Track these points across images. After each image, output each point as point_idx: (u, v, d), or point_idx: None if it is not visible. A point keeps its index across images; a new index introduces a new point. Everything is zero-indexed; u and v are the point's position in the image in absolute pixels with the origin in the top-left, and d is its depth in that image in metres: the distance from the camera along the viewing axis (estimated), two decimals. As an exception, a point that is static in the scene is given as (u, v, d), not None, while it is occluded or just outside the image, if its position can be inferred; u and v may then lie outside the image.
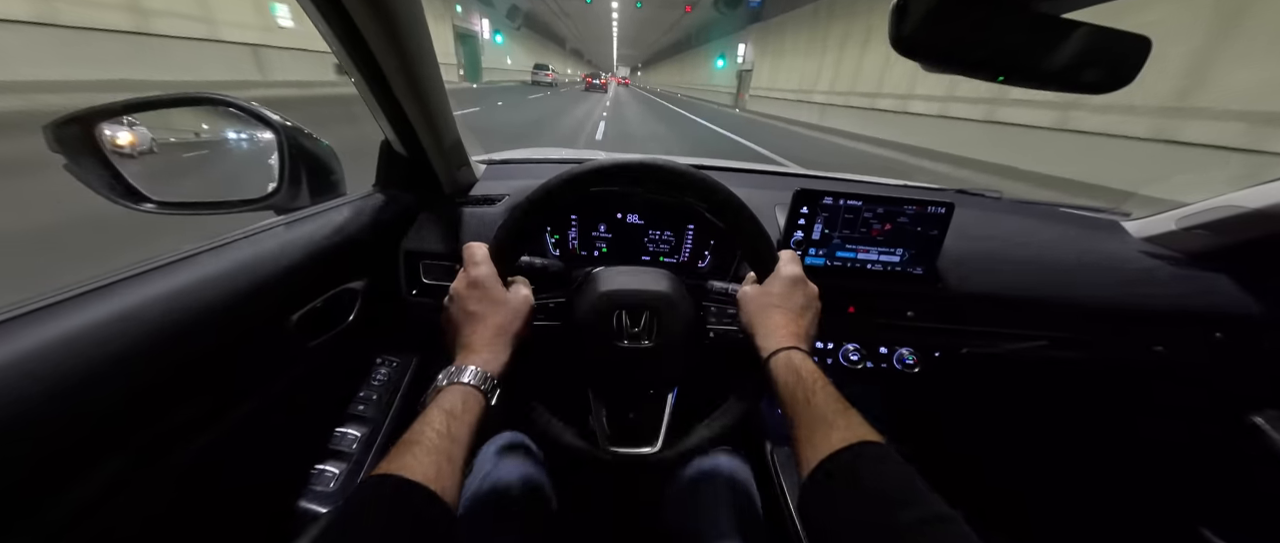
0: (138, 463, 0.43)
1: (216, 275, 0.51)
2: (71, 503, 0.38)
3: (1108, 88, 0.50)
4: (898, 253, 0.80)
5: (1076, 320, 0.82)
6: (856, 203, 0.77)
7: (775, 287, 0.57)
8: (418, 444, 0.40)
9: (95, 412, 0.39)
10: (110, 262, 0.47)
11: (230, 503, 0.58)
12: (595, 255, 0.87)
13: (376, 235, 0.74)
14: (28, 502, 0.35)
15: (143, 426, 0.42)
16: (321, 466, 0.70)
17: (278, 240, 0.60)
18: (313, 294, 0.61)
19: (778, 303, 0.56)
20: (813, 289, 0.58)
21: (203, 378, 0.48)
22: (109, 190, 0.56)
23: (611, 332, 0.58)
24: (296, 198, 0.69)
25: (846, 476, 0.39)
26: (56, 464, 0.36)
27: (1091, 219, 1.04)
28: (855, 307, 0.81)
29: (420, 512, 0.36)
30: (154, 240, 0.57)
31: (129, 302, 0.43)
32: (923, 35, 0.48)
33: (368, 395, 0.78)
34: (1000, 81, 0.51)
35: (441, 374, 0.48)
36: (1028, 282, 0.82)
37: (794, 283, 0.57)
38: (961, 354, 0.84)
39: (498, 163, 1.06)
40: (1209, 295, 0.84)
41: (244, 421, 0.53)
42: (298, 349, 0.59)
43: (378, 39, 0.56)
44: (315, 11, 0.52)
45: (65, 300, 0.41)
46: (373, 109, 0.68)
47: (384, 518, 0.35)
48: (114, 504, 0.41)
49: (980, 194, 1.11)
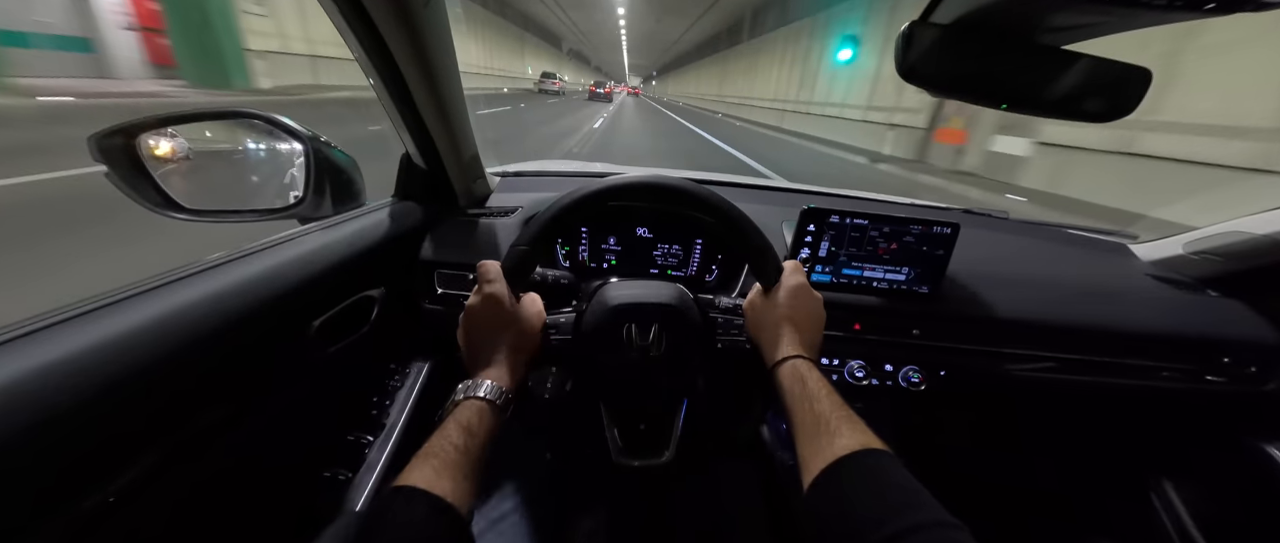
0: (162, 466, 0.44)
1: (242, 283, 0.52)
2: (95, 504, 0.39)
3: (1109, 117, 0.51)
4: (904, 272, 0.81)
5: (1083, 343, 0.82)
6: (863, 222, 0.78)
7: (780, 297, 0.58)
8: (435, 457, 0.41)
9: (122, 416, 0.40)
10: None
11: (249, 505, 0.59)
12: (605, 267, 0.89)
13: (394, 245, 0.76)
14: (52, 503, 0.36)
15: (168, 430, 0.44)
16: (337, 469, 0.71)
17: (301, 249, 0.62)
18: (333, 301, 0.63)
19: (783, 313, 0.57)
20: (818, 298, 0.59)
21: (227, 383, 0.50)
22: (145, 199, 0.59)
23: (621, 344, 0.59)
24: (320, 207, 0.71)
25: (850, 481, 0.40)
26: (82, 467, 0.38)
27: (1099, 241, 1.04)
28: (861, 324, 0.82)
29: (437, 524, 0.37)
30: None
31: (158, 309, 0.45)
32: (928, 65, 0.50)
33: (382, 401, 0.80)
34: (1003, 109, 0.52)
35: (458, 388, 0.49)
36: (1034, 303, 0.83)
37: (799, 293, 0.58)
38: (967, 374, 0.84)
39: (511, 175, 1.09)
40: (1217, 321, 0.84)
41: (264, 424, 0.55)
42: (318, 355, 0.61)
43: (404, 55, 0.58)
44: (345, 26, 0.55)
45: (102, 307, 0.42)
46: (395, 121, 0.71)
47: (402, 530, 0.36)
48: (136, 506, 0.42)
49: (987, 214, 1.11)
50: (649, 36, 60.91)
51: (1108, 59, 0.49)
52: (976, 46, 0.49)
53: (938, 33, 0.49)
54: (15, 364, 0.35)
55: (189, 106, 0.62)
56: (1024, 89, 0.51)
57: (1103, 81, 0.50)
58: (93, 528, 0.39)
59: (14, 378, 0.34)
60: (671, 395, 0.64)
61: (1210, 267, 0.87)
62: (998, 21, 0.47)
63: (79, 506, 0.38)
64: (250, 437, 0.53)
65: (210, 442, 0.49)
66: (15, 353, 0.36)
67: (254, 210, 0.68)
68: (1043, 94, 0.51)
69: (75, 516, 0.38)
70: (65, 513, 0.37)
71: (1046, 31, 0.49)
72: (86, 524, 0.39)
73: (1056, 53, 0.50)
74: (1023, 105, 0.52)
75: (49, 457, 0.36)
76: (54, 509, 0.36)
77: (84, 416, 0.37)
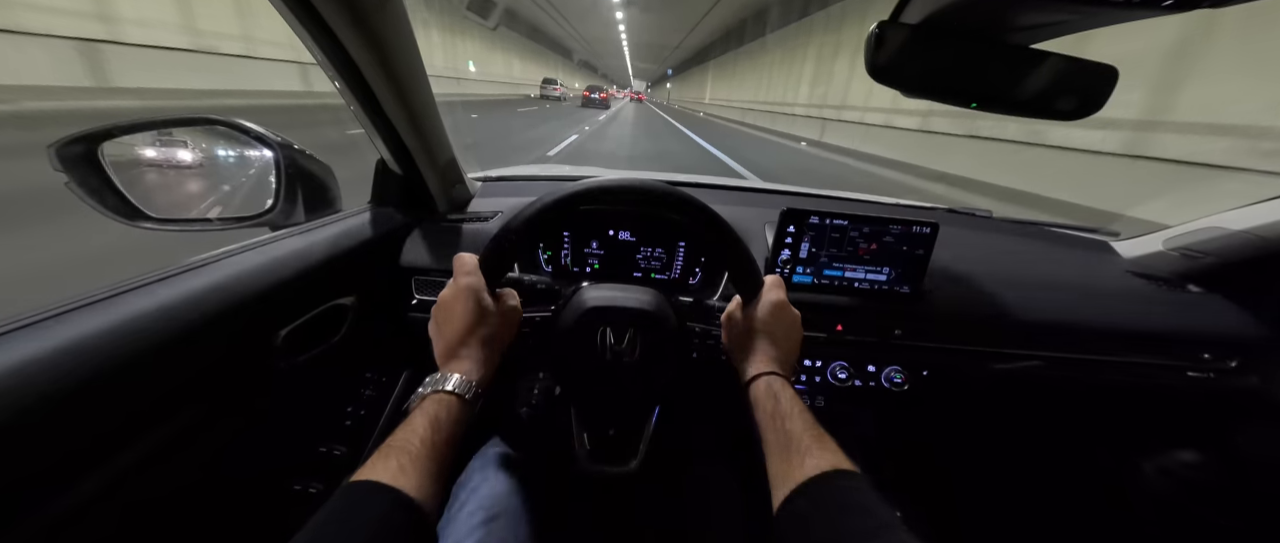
0: (122, 477, 0.43)
1: (200, 292, 0.51)
2: (52, 516, 0.38)
3: (1079, 115, 0.51)
4: (885, 271, 0.80)
5: (1066, 341, 0.83)
6: (843, 222, 0.78)
7: (759, 312, 0.57)
8: (400, 451, 0.40)
9: (84, 423, 0.39)
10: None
11: (214, 518, 0.58)
12: (587, 271, 0.88)
13: (367, 252, 0.75)
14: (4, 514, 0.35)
15: (117, 447, 0.43)
16: (308, 481, 0.70)
17: (268, 256, 0.61)
18: (302, 310, 0.62)
19: (760, 328, 0.57)
20: (795, 315, 0.59)
21: (190, 392, 0.49)
22: (109, 208, 0.57)
23: (596, 347, 0.58)
24: (292, 215, 0.70)
25: (817, 503, 0.39)
26: (39, 478, 0.36)
27: (1081, 239, 1.05)
28: (843, 325, 0.82)
29: (399, 519, 0.36)
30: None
31: (106, 320, 0.43)
32: (897, 65, 0.50)
33: (356, 411, 0.79)
34: (973, 108, 0.52)
35: (426, 381, 0.48)
36: (1017, 301, 0.83)
37: (778, 309, 0.57)
38: (950, 373, 0.84)
39: (493, 180, 1.08)
40: (1198, 317, 0.85)
41: (230, 436, 0.54)
42: (285, 365, 0.60)
43: (368, 63, 0.57)
44: (303, 30, 0.54)
45: (63, 312, 0.41)
46: (367, 129, 0.70)
47: (361, 525, 0.35)
48: (95, 517, 0.41)
49: (970, 213, 1.12)
50: (649, 44, 60.13)
51: (1076, 57, 0.49)
52: (946, 46, 0.50)
53: (907, 32, 0.49)
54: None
55: (154, 113, 0.60)
56: (993, 88, 0.51)
57: (1072, 80, 0.50)
58: (50, 536, 0.38)
59: None
60: (643, 402, 0.63)
61: (1189, 263, 0.88)
62: (966, 21, 0.47)
63: (34, 515, 0.36)
64: (212, 451, 0.52)
65: (167, 457, 0.47)
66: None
67: (223, 219, 0.67)
68: (1012, 93, 0.51)
69: (30, 527, 0.36)
70: (17, 524, 0.36)
71: (1014, 31, 0.49)
72: (44, 534, 0.37)
73: (1025, 52, 0.50)
74: (993, 104, 0.52)
75: (10, 456, 0.34)
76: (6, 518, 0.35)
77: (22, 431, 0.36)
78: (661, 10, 41.05)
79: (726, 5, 25.56)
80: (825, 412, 0.88)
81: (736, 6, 24.67)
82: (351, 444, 0.75)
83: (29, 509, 0.37)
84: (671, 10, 39.19)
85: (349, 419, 0.76)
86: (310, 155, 0.72)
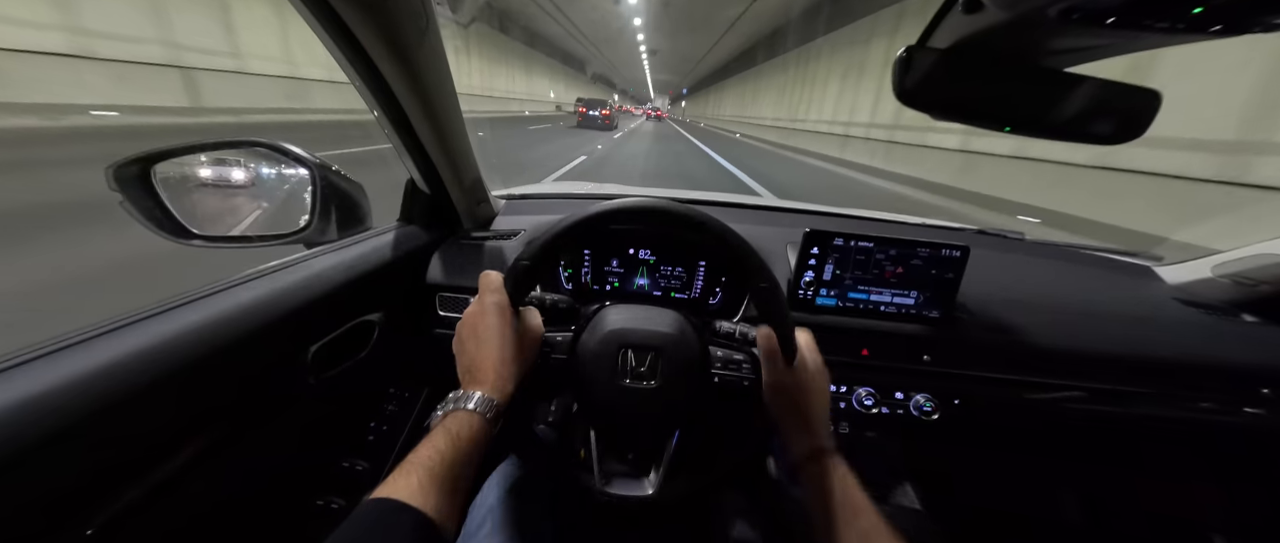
0: (150, 496, 0.44)
1: (236, 311, 0.53)
2: (75, 536, 0.39)
3: (1119, 139, 0.49)
4: (912, 295, 0.78)
5: (1107, 371, 0.78)
6: (868, 244, 0.76)
7: (805, 377, 0.57)
8: (420, 468, 0.40)
9: (108, 445, 0.40)
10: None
11: (238, 534, 0.59)
12: (608, 289, 0.88)
13: (395, 269, 0.77)
14: (32, 534, 0.36)
15: (157, 459, 0.44)
16: (330, 496, 0.71)
17: (303, 273, 0.63)
18: (332, 327, 0.64)
19: (809, 396, 0.57)
20: (826, 373, 0.59)
21: (219, 410, 0.50)
22: (160, 226, 0.61)
23: (616, 370, 0.58)
24: (325, 232, 0.73)
25: None
26: (67, 496, 0.38)
27: (1121, 263, 1.00)
28: (869, 349, 0.79)
29: (416, 537, 0.36)
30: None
31: (147, 338, 0.45)
32: (926, 88, 0.49)
33: (379, 426, 0.80)
34: (1006, 131, 0.51)
35: (448, 398, 0.49)
36: (1054, 328, 0.79)
37: (819, 372, 0.58)
38: (983, 403, 0.80)
39: (517, 198, 1.10)
40: (1254, 348, 0.79)
41: (257, 452, 0.55)
42: (314, 381, 0.61)
43: (402, 88, 0.60)
44: (344, 60, 0.56)
45: (93, 337, 0.43)
46: (398, 149, 0.73)
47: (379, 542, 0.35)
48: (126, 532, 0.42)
49: (1001, 234, 1.08)
50: (672, 51, 55.30)
51: (1114, 81, 0.47)
52: (976, 71, 0.49)
53: (936, 57, 0.48)
54: (7, 390, 0.36)
55: (202, 137, 0.64)
56: (1027, 113, 0.50)
57: (1110, 104, 0.49)
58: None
59: (5, 404, 0.35)
60: (662, 425, 0.62)
61: (1243, 291, 0.83)
62: (996, 46, 0.46)
63: (60, 537, 0.38)
64: (241, 465, 0.53)
65: (199, 470, 0.48)
66: (9, 379, 0.37)
67: (263, 236, 0.70)
68: (1047, 117, 0.50)
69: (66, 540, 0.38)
70: (57, 534, 0.37)
71: (1047, 55, 0.48)
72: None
73: (1059, 76, 0.49)
74: (1027, 128, 0.51)
75: (30, 486, 0.36)
76: (34, 541, 0.36)
77: (69, 444, 0.37)
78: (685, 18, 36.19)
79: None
80: (847, 439, 0.86)
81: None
82: (373, 459, 0.76)
83: (75, 518, 0.38)
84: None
85: (371, 434, 0.78)
86: (344, 175, 0.75)
